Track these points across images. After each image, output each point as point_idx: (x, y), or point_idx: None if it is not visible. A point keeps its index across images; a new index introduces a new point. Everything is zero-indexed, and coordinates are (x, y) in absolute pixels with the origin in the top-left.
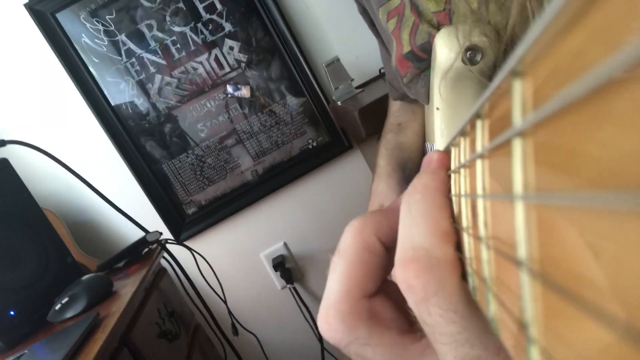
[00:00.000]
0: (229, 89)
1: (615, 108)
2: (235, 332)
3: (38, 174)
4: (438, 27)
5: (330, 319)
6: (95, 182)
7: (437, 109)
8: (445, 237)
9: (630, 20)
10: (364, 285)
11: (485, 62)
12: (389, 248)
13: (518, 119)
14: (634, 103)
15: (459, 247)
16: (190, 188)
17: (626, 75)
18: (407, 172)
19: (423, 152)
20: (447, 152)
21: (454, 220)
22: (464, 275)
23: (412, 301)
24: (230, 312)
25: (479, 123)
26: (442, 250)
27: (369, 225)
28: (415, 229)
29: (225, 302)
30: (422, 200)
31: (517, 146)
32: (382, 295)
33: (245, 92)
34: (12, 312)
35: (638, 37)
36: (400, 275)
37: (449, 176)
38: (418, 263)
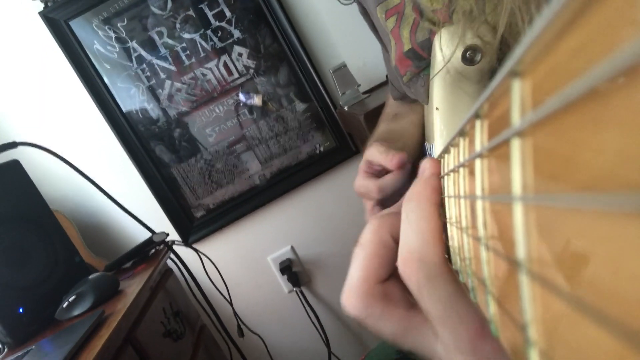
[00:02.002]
0: (241, 97)
1: (614, 109)
2: (241, 333)
3: (49, 176)
4: (439, 25)
5: (352, 298)
6: (104, 184)
7: (437, 108)
8: (434, 242)
9: (629, 21)
10: (379, 273)
11: (485, 62)
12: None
13: (517, 119)
14: (632, 105)
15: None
16: (198, 192)
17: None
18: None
19: (422, 149)
20: (437, 160)
21: (450, 220)
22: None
23: (410, 289)
24: (235, 314)
25: (478, 123)
26: (431, 253)
27: (386, 225)
28: (411, 234)
29: (230, 303)
30: (416, 208)
31: (516, 146)
32: (393, 279)
33: (257, 100)
34: (21, 310)
35: (635, 38)
36: (401, 270)
37: (442, 180)
38: (413, 263)
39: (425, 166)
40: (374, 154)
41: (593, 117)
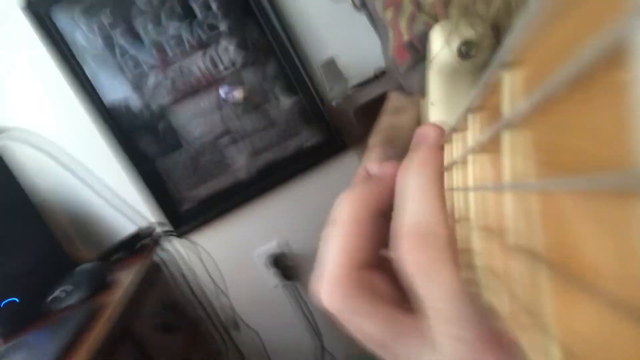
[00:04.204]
0: (221, 92)
1: (602, 94)
2: (236, 327)
3: (34, 167)
4: (435, 18)
5: (327, 287)
6: (90, 177)
7: (432, 103)
8: (443, 215)
9: (618, 7)
10: (361, 255)
11: (481, 57)
12: (386, 217)
13: (508, 111)
14: (618, 84)
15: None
16: (183, 186)
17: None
18: (397, 149)
19: None
20: (439, 126)
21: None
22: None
23: (407, 273)
24: (232, 307)
25: (470, 117)
26: (439, 226)
27: (365, 195)
28: (413, 204)
29: (227, 296)
30: (422, 175)
31: (507, 136)
32: (378, 267)
33: (237, 94)
34: (9, 300)
35: (621, 20)
36: (399, 248)
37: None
38: (415, 237)
39: (428, 131)
40: (373, 166)
41: (584, 102)
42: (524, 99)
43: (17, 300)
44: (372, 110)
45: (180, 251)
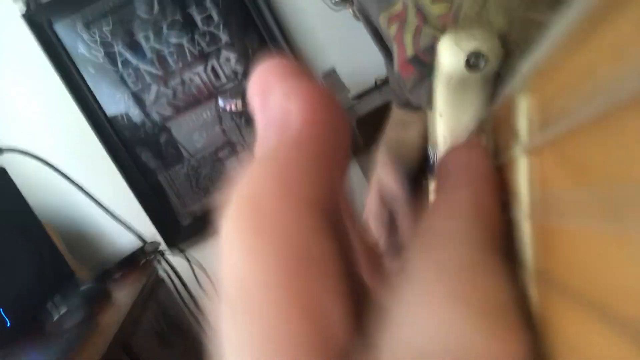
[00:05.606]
0: (220, 102)
1: (624, 131)
2: None
3: (32, 184)
4: (443, 30)
5: None
6: (90, 191)
7: (440, 115)
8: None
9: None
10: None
11: (489, 69)
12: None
13: (524, 136)
14: None
15: None
16: (185, 199)
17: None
18: (405, 166)
19: (425, 154)
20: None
21: None
22: None
23: None
24: None
25: (483, 139)
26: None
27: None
28: (458, 315)
29: None
30: (481, 239)
31: (523, 162)
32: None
33: (237, 105)
34: (7, 320)
35: None
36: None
37: None
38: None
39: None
40: (390, 186)
41: (602, 139)
42: (542, 125)
43: (12, 320)
44: (373, 120)
45: (178, 266)
